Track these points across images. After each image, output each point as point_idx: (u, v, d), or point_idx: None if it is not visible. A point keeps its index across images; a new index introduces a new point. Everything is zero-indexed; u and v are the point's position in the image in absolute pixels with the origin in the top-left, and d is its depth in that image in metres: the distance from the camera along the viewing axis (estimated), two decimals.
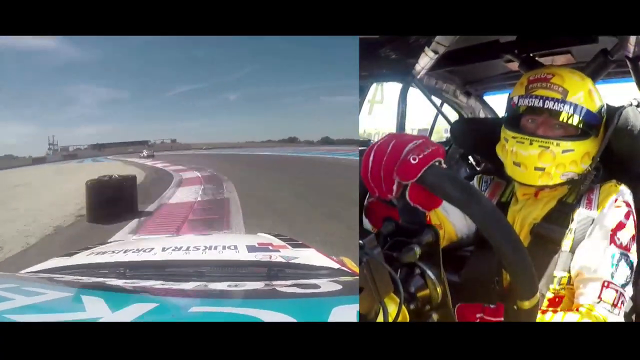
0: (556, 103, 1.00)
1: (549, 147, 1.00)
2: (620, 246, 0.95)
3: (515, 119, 1.08)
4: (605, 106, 1.06)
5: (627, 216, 0.99)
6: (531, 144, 1.02)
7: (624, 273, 0.94)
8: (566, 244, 1.00)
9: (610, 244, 0.96)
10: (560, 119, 1.01)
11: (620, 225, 0.97)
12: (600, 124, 1.04)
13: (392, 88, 2.23)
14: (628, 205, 1.01)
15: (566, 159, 1.01)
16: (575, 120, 1.00)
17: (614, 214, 0.99)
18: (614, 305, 0.91)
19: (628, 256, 0.95)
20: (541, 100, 1.01)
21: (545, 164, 1.01)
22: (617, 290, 0.92)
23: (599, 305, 0.91)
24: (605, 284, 0.92)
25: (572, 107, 1.00)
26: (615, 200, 1.00)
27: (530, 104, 1.03)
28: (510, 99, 1.10)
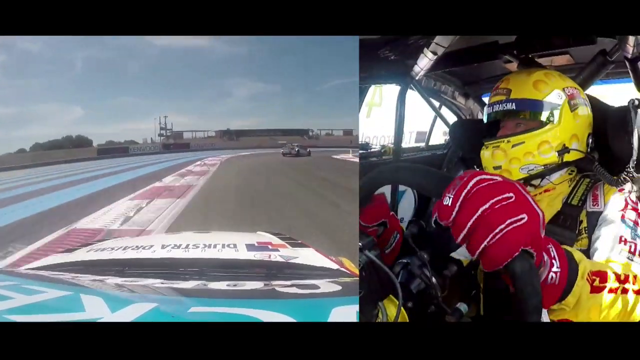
0: (500, 104, 1.09)
1: (499, 146, 1.08)
2: (631, 220, 0.95)
3: (489, 130, 1.17)
4: (557, 92, 1.07)
5: (632, 199, 0.99)
6: (487, 147, 1.11)
7: (636, 243, 0.92)
8: (579, 242, 1.00)
9: (622, 221, 0.95)
10: (508, 117, 1.09)
11: (628, 206, 0.98)
12: (551, 110, 1.05)
13: (390, 91, 2.23)
14: (631, 191, 1.01)
15: (518, 153, 1.06)
16: (521, 113, 1.07)
17: (620, 198, 0.99)
18: (633, 252, 0.88)
19: (637, 229, 0.94)
20: (491, 107, 1.12)
21: (499, 161, 1.08)
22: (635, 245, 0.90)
23: (620, 256, 0.88)
24: (624, 239, 0.91)
25: (513, 103, 1.07)
26: (620, 190, 1.01)
27: (488, 113, 1.14)
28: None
